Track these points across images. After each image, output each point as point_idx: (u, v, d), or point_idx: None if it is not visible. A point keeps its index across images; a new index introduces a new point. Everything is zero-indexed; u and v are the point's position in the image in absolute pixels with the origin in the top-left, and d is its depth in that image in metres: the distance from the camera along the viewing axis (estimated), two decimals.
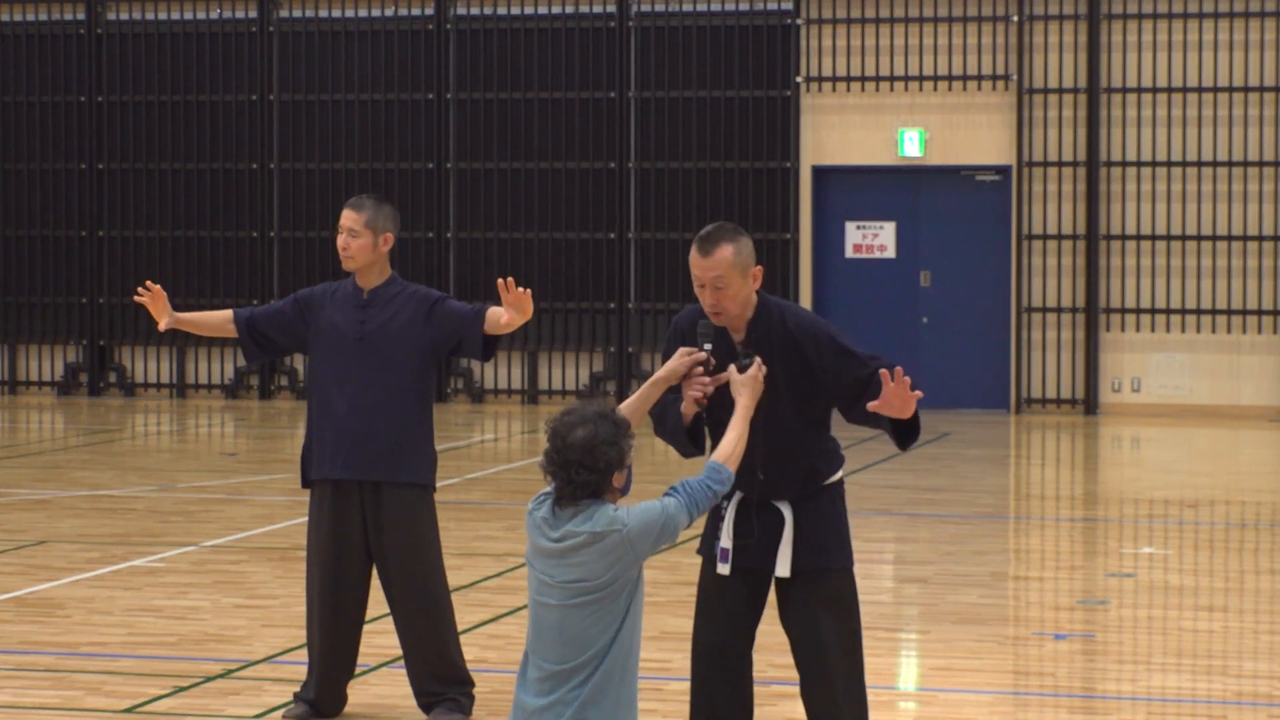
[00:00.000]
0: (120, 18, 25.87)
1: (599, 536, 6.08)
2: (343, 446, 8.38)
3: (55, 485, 16.48)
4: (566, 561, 6.12)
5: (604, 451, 6.11)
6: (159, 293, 8.54)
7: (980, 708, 8.85)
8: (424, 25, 25.14)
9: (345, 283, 8.64)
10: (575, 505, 6.15)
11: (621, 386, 24.65)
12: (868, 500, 15.75)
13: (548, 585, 6.16)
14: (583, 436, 6.10)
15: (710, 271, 6.77)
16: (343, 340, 8.45)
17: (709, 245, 6.78)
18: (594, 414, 6.17)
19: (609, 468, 6.12)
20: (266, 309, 8.67)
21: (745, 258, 6.79)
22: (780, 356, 6.82)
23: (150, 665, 9.49)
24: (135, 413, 23.99)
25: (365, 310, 8.49)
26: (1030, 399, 23.98)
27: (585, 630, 6.09)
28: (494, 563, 12.55)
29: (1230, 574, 12.63)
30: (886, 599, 11.79)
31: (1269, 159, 23.52)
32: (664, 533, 6.14)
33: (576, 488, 6.12)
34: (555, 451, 6.15)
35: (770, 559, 6.85)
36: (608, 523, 6.08)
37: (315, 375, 8.53)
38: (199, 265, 25.47)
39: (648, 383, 6.72)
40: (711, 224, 6.94)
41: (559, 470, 6.13)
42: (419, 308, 8.47)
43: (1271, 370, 23.57)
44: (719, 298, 6.78)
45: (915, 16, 24.22)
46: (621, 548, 6.06)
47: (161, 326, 8.55)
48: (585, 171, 24.78)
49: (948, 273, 24.29)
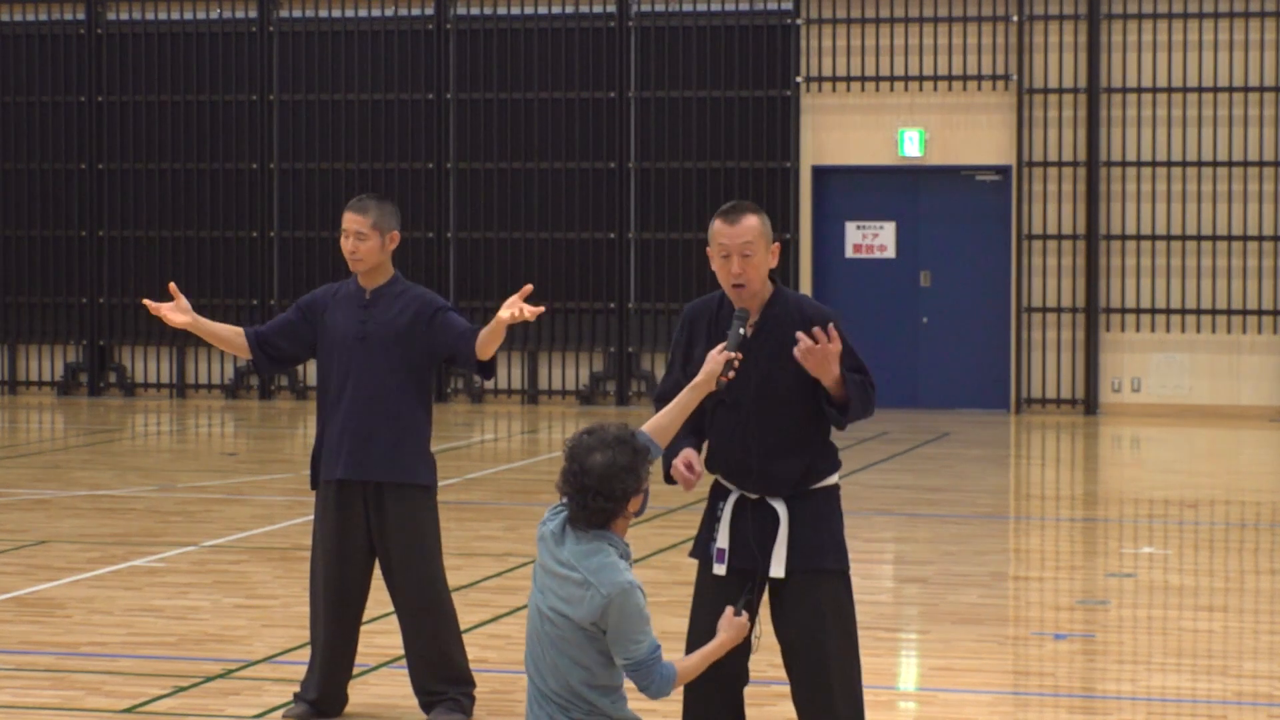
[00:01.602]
0: (120, 18, 25.87)
1: (587, 586, 6.06)
2: (346, 446, 8.41)
3: (55, 485, 16.48)
4: (558, 590, 6.11)
5: (621, 480, 6.07)
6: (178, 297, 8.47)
7: (980, 708, 8.85)
8: (424, 25, 25.13)
9: (347, 283, 8.63)
10: (585, 533, 6.13)
11: (621, 386, 24.65)
12: (868, 500, 15.75)
13: (539, 601, 6.16)
14: (601, 463, 6.05)
15: (739, 239, 6.80)
16: (345, 340, 8.47)
17: (736, 215, 6.84)
18: (614, 438, 6.10)
19: (625, 496, 6.09)
20: (273, 322, 8.69)
21: (769, 229, 6.90)
22: (790, 335, 6.79)
23: (150, 665, 9.49)
24: (135, 413, 23.99)
25: (367, 310, 8.50)
26: (1030, 399, 23.98)
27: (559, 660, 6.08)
28: (494, 563, 12.55)
29: (1230, 574, 12.63)
30: (886, 599, 11.79)
31: (1269, 159, 23.52)
32: (625, 639, 6.05)
33: (591, 514, 6.09)
34: (573, 474, 6.09)
35: (763, 560, 6.83)
36: (601, 579, 6.05)
37: (322, 375, 8.56)
38: (199, 265, 25.47)
39: (686, 389, 6.65)
40: (729, 201, 6.97)
41: (575, 494, 6.09)
42: (421, 311, 8.47)
43: (1271, 370, 23.57)
44: (745, 266, 6.80)
45: (915, 16, 24.22)
46: (598, 609, 6.03)
47: (179, 322, 8.45)
48: (585, 171, 24.78)
49: (948, 273, 24.29)
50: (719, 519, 6.88)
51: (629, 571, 6.11)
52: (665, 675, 6.15)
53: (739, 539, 6.84)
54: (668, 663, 6.17)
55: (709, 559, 6.87)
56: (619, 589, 6.03)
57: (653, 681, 6.13)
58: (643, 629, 6.08)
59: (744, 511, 6.87)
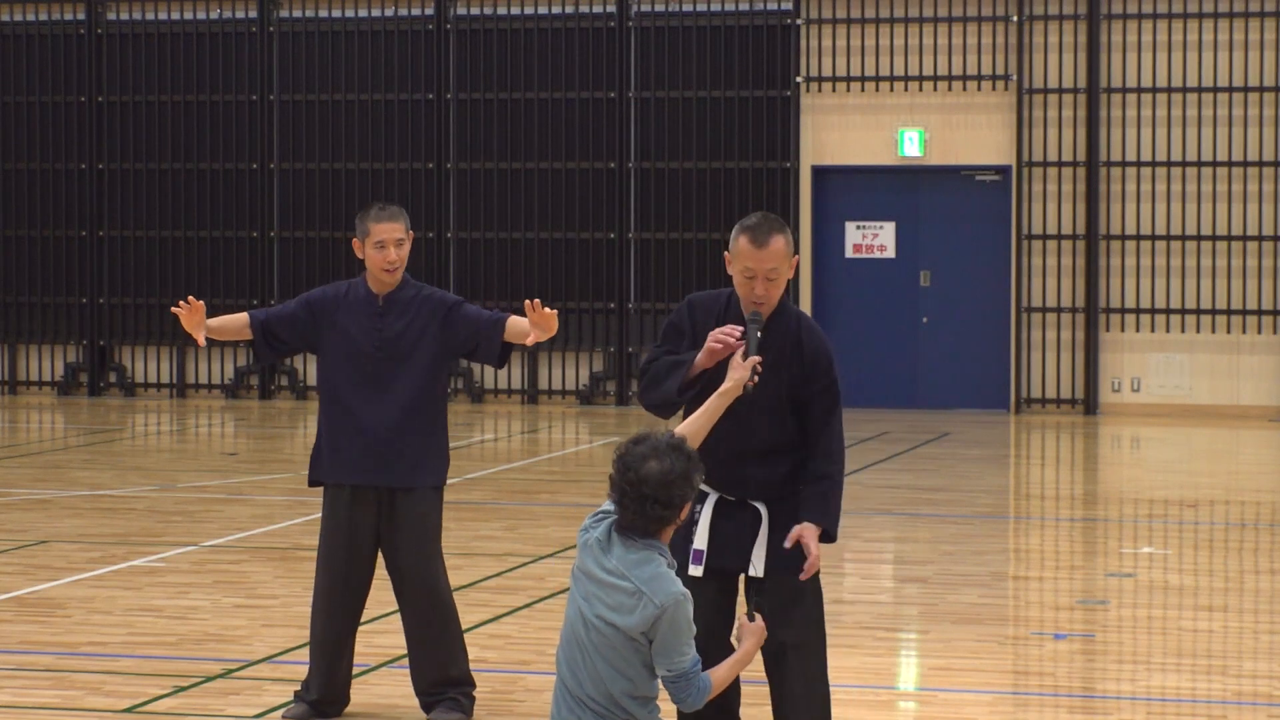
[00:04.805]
0: (120, 18, 25.87)
1: (640, 596, 6.05)
2: (365, 452, 8.35)
3: (55, 485, 16.48)
4: (605, 598, 6.10)
5: (679, 486, 6.06)
6: (198, 306, 8.38)
7: (980, 708, 8.85)
8: (424, 25, 25.14)
9: (356, 285, 8.54)
10: (634, 541, 6.11)
11: (621, 387, 24.65)
12: (868, 500, 15.76)
13: (584, 608, 6.13)
14: (658, 471, 6.03)
15: (766, 263, 6.78)
16: (359, 349, 8.40)
17: (763, 236, 6.78)
18: (666, 445, 6.08)
19: (682, 503, 6.09)
20: (279, 311, 8.60)
21: (791, 246, 6.86)
22: (786, 351, 6.86)
23: (150, 665, 9.49)
24: (135, 413, 23.99)
25: (381, 318, 8.43)
26: (1030, 399, 23.98)
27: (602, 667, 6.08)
28: (494, 563, 12.55)
29: (1230, 574, 12.63)
30: (886, 599, 11.79)
31: (1269, 159, 23.53)
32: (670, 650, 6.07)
33: (649, 521, 6.07)
34: (628, 484, 6.06)
35: (743, 560, 6.86)
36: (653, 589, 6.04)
37: (330, 380, 8.47)
38: (199, 265, 25.46)
39: (715, 395, 6.65)
40: (754, 214, 6.92)
41: (633, 503, 6.06)
42: (434, 313, 8.43)
43: (1271, 370, 23.57)
44: (769, 289, 6.81)
45: (915, 16, 24.22)
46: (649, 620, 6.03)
47: (201, 342, 8.48)
48: (585, 171, 24.78)
49: (948, 273, 24.29)
50: (696, 521, 6.89)
51: (679, 582, 6.12)
52: (703, 687, 6.17)
53: (718, 540, 6.86)
54: (705, 675, 6.19)
55: (685, 561, 6.88)
56: (673, 600, 6.03)
57: (691, 693, 6.14)
58: (689, 641, 6.09)
59: (723, 513, 6.88)
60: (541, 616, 10.68)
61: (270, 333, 8.55)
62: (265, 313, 8.60)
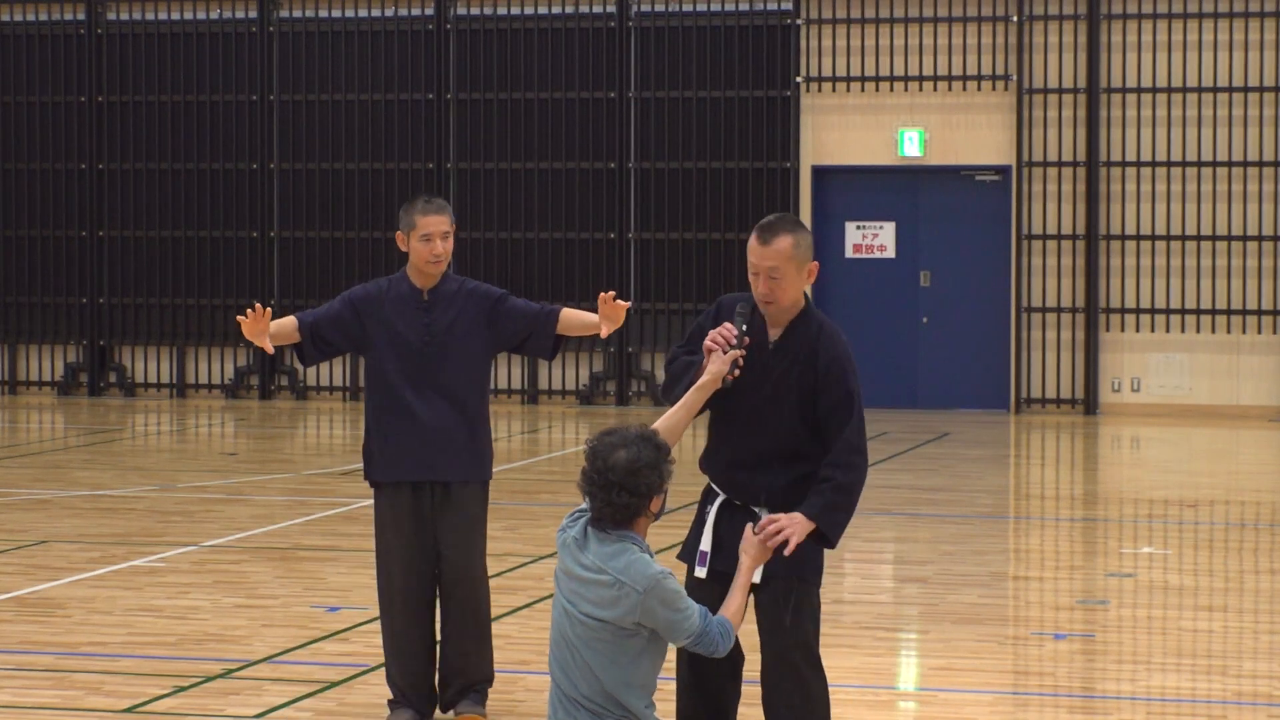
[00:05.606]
0: (120, 18, 25.87)
1: (620, 586, 6.07)
2: (425, 448, 8.31)
3: (55, 485, 16.48)
4: (588, 595, 6.11)
5: (646, 475, 6.09)
6: (264, 314, 8.22)
7: (980, 708, 8.85)
8: (424, 25, 25.14)
9: (397, 281, 8.47)
10: (607, 534, 6.13)
11: (621, 387, 24.65)
12: (868, 500, 15.65)
13: (569, 608, 6.15)
14: (625, 459, 6.08)
15: (766, 261, 6.75)
16: (408, 346, 8.35)
17: (769, 234, 6.76)
18: (636, 436, 6.14)
19: (649, 492, 6.11)
20: (324, 312, 8.48)
21: (803, 251, 6.79)
22: (800, 361, 6.81)
23: (150, 665, 9.49)
24: (135, 413, 23.99)
25: (428, 314, 8.39)
26: (1030, 399, 23.98)
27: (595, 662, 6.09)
28: (494, 563, 12.48)
29: (1230, 574, 12.63)
30: (886, 599, 11.79)
31: (1269, 159, 23.53)
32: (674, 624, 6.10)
33: (616, 510, 6.10)
34: (596, 473, 6.10)
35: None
36: (631, 576, 6.06)
37: (382, 377, 8.40)
38: (199, 265, 25.46)
39: (693, 389, 6.66)
40: (773, 214, 6.93)
41: (599, 491, 6.10)
42: (480, 307, 8.41)
43: (1271, 370, 23.57)
44: (772, 288, 6.77)
45: (915, 16, 24.22)
46: (637, 607, 6.05)
47: (269, 350, 8.36)
48: (585, 171, 24.79)
49: (948, 273, 24.29)
50: (704, 523, 6.90)
51: (655, 562, 6.14)
52: (724, 630, 6.28)
53: (722, 543, 6.86)
54: (716, 619, 6.27)
55: (693, 564, 6.89)
56: (652, 581, 6.07)
57: (717, 643, 6.25)
58: (686, 606, 6.14)
59: (728, 516, 6.88)
60: (541, 616, 10.68)
61: (319, 335, 8.46)
62: (313, 315, 8.50)
